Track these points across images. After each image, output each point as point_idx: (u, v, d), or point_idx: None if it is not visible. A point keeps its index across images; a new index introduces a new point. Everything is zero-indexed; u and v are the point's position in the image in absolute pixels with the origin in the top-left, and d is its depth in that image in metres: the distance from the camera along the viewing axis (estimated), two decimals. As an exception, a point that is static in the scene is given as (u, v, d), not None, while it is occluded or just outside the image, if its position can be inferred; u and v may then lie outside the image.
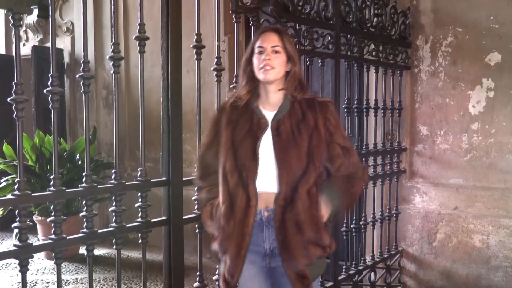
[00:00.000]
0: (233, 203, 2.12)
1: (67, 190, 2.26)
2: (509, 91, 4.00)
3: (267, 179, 2.10)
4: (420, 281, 4.40)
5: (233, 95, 2.27)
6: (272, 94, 2.18)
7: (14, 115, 2.05)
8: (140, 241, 2.55)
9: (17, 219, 2.10)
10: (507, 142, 4.03)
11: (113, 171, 2.45)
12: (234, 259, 2.12)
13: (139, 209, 2.53)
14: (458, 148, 4.22)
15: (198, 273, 2.87)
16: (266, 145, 2.11)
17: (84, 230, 2.33)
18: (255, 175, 2.09)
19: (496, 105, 4.05)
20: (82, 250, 5.68)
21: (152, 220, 2.57)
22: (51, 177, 2.22)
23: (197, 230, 2.80)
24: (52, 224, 2.22)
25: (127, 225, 2.47)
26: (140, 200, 2.53)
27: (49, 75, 2.19)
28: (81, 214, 2.36)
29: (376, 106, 4.14)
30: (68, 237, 2.25)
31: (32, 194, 2.13)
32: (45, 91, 2.20)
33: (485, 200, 4.10)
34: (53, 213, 2.22)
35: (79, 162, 5.61)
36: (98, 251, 5.66)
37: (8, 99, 2.05)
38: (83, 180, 2.33)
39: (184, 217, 2.69)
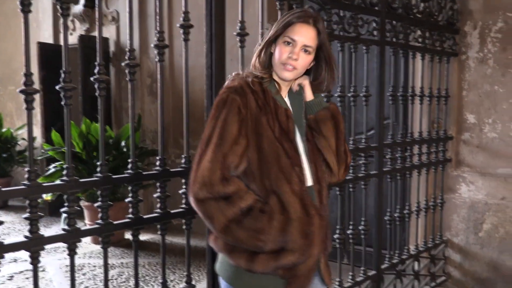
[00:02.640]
0: (305, 205, 1.86)
1: (113, 176, 2.30)
2: (562, 78, 3.87)
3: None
4: (465, 272, 4.31)
5: (247, 75, 1.92)
6: (285, 87, 1.99)
7: (62, 103, 2.09)
8: (184, 227, 2.58)
9: (65, 204, 2.15)
10: (559, 131, 3.91)
11: (157, 158, 2.48)
12: (314, 264, 1.91)
13: (183, 196, 2.55)
14: (507, 137, 4.11)
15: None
16: (298, 138, 1.97)
17: (130, 215, 2.37)
18: (304, 170, 1.94)
19: (547, 92, 3.93)
20: (127, 235, 5.81)
21: (196, 207, 2.59)
22: (98, 163, 2.26)
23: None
24: (99, 210, 2.27)
25: (172, 211, 2.50)
26: (184, 186, 2.55)
27: (96, 63, 2.22)
28: (126, 200, 2.40)
29: (421, 93, 4.07)
30: (114, 222, 2.30)
31: (80, 180, 2.17)
32: (91, 79, 2.24)
33: (535, 191, 3.99)
34: (99, 199, 2.27)
35: (125, 149, 5.70)
36: (142, 237, 5.76)
37: (57, 87, 2.09)
38: (129, 166, 2.37)
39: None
